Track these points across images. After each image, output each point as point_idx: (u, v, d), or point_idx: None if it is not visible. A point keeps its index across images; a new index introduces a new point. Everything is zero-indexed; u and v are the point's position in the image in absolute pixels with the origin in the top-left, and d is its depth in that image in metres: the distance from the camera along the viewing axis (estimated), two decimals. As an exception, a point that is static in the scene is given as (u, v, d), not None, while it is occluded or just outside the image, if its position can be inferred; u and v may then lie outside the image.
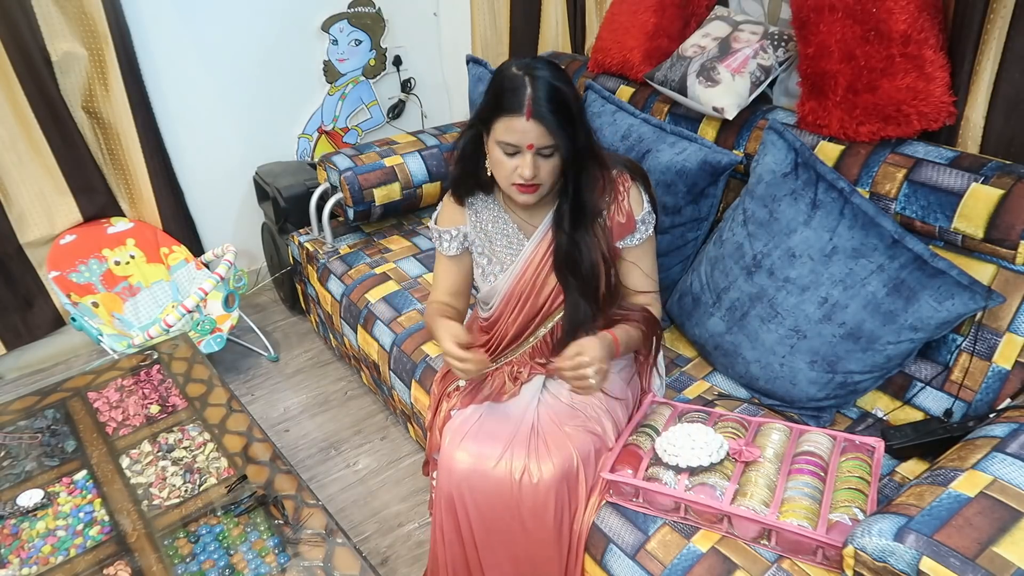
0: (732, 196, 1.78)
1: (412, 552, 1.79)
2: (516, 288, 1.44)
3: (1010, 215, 1.30)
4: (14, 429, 1.51)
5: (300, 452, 2.12)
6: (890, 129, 1.47)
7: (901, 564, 0.96)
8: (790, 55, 1.73)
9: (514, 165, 1.28)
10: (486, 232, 1.46)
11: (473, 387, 1.48)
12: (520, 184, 1.29)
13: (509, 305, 1.46)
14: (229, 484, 1.34)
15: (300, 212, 2.45)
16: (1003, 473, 1.03)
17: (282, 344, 2.61)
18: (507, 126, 1.24)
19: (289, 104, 2.78)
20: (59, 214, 2.36)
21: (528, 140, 1.24)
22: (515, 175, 1.28)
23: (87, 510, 1.31)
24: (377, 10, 2.83)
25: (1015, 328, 1.32)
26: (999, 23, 1.36)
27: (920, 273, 1.33)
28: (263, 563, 1.18)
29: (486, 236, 1.46)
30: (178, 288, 2.48)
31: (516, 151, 1.27)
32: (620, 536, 1.29)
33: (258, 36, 2.58)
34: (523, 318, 1.46)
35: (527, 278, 1.43)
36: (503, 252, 1.45)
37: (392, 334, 1.90)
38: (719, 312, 1.61)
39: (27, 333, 2.42)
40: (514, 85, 1.23)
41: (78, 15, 2.16)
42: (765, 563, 1.18)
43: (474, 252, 1.49)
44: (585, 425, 1.37)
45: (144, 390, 1.61)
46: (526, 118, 1.22)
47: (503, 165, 1.29)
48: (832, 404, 1.48)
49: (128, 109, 2.30)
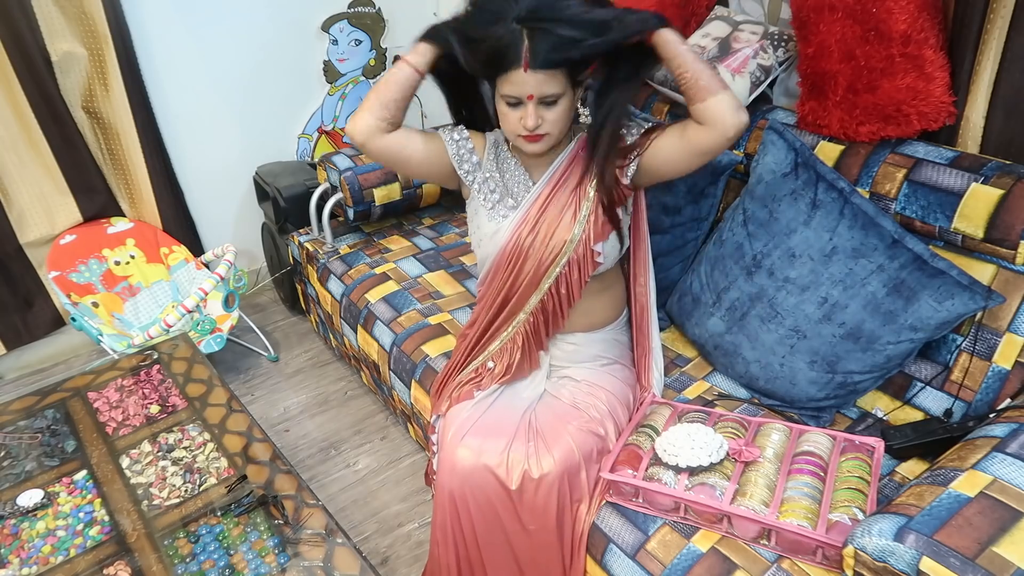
0: (732, 196, 1.78)
1: (412, 552, 1.79)
2: (522, 229, 1.39)
3: (1010, 215, 1.30)
4: (14, 429, 1.51)
5: (300, 452, 2.12)
6: (890, 129, 1.47)
7: (901, 564, 0.96)
8: (790, 55, 1.73)
9: (518, 116, 1.28)
10: (501, 171, 1.44)
11: (475, 378, 1.48)
12: (526, 135, 1.29)
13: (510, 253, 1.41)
14: (229, 484, 1.34)
15: (300, 212, 2.45)
16: (1003, 473, 1.03)
17: (282, 344, 2.61)
18: (508, 79, 1.24)
19: (289, 104, 2.78)
20: (59, 214, 2.36)
21: (527, 91, 1.24)
22: (520, 126, 1.28)
23: (87, 510, 1.31)
24: (377, 10, 2.83)
25: (1015, 328, 1.32)
26: (999, 23, 1.36)
27: (920, 273, 1.33)
28: (263, 563, 1.18)
29: (500, 175, 1.44)
30: (178, 288, 2.48)
31: (518, 102, 1.27)
32: (620, 536, 1.29)
33: (258, 36, 2.58)
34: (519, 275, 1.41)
35: (529, 217, 1.39)
36: (518, 192, 1.42)
37: (392, 334, 1.90)
38: (719, 312, 1.61)
39: (27, 333, 2.42)
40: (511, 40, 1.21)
41: (78, 15, 2.16)
42: (765, 563, 1.18)
43: (483, 190, 1.43)
44: (587, 425, 1.38)
45: (144, 390, 1.61)
46: (523, 69, 1.22)
47: (507, 117, 1.30)
48: (832, 404, 1.48)
49: (128, 109, 2.30)
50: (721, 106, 1.23)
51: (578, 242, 1.37)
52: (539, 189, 1.39)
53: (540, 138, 1.30)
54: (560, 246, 1.37)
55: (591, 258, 1.38)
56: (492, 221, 1.42)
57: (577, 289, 1.41)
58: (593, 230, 1.36)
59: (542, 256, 1.39)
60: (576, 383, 1.47)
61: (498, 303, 1.46)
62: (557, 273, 1.40)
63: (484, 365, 1.49)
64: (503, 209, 1.42)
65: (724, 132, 1.24)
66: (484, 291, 1.49)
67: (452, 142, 1.43)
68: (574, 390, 1.45)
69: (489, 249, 1.43)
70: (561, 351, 1.52)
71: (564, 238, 1.37)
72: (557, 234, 1.37)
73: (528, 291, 1.43)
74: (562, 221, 1.37)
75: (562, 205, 1.38)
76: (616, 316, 1.55)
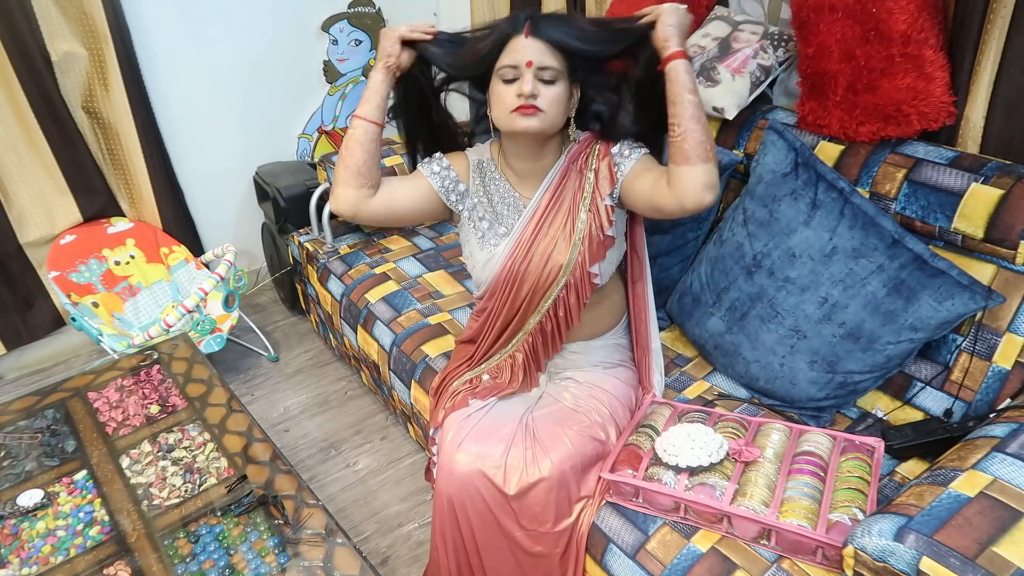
0: (732, 196, 1.78)
1: (412, 552, 1.79)
2: (515, 255, 1.37)
3: (1010, 215, 1.30)
4: (14, 429, 1.51)
5: (300, 452, 2.12)
6: (890, 129, 1.47)
7: (901, 564, 0.96)
8: (790, 55, 1.73)
9: (514, 89, 1.25)
10: (488, 194, 1.41)
11: (475, 384, 1.48)
12: (520, 107, 1.24)
13: (505, 278, 1.39)
14: (229, 484, 1.34)
15: (300, 212, 2.45)
16: (1003, 473, 1.03)
17: (282, 344, 2.61)
18: (508, 48, 1.24)
19: (289, 104, 2.78)
20: (59, 214, 2.36)
21: (526, 57, 1.23)
22: (514, 99, 1.25)
23: (87, 510, 1.30)
24: (377, 10, 2.83)
25: (1015, 328, 1.32)
26: (999, 23, 1.36)
27: (920, 273, 1.33)
28: (263, 563, 1.18)
29: (488, 199, 1.41)
30: (178, 288, 2.48)
31: (515, 76, 1.25)
32: (620, 536, 1.29)
33: (258, 36, 2.58)
34: (516, 299, 1.40)
35: (523, 242, 1.37)
36: (508, 216, 1.39)
37: (392, 334, 1.90)
38: (719, 312, 1.61)
39: (27, 333, 2.42)
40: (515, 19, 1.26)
41: (78, 15, 2.16)
42: (765, 563, 1.18)
43: (472, 218, 1.41)
44: (587, 430, 1.37)
45: (144, 390, 1.61)
46: (524, 35, 1.22)
47: (501, 95, 1.27)
48: (832, 404, 1.48)
49: (128, 109, 2.30)
50: (691, 177, 1.19)
51: (574, 266, 1.35)
52: (531, 211, 1.37)
53: (535, 111, 1.24)
54: (556, 271, 1.35)
55: (588, 280, 1.36)
56: (484, 249, 1.40)
57: (576, 312, 1.40)
58: (588, 252, 1.35)
59: (538, 281, 1.37)
60: (578, 384, 1.47)
61: (498, 325, 1.45)
62: (555, 296, 1.38)
63: (479, 377, 1.49)
64: (494, 237, 1.39)
65: (682, 204, 1.21)
66: (482, 305, 1.48)
67: (434, 175, 1.39)
68: (576, 392, 1.45)
69: (483, 275, 1.42)
70: (563, 359, 1.52)
71: (560, 263, 1.35)
72: (552, 259, 1.35)
73: (526, 313, 1.42)
74: (556, 246, 1.35)
75: (556, 229, 1.36)
76: (616, 322, 1.54)
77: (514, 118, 1.27)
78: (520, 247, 1.37)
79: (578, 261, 1.35)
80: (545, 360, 1.49)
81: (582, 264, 1.35)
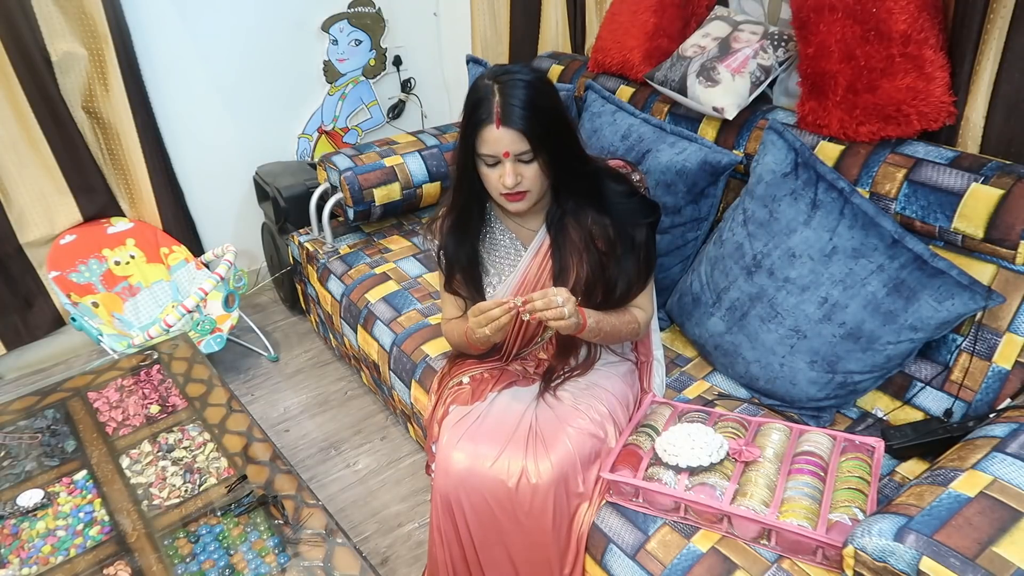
0: (732, 196, 1.78)
1: (412, 552, 1.79)
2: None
3: (1010, 215, 1.30)
4: (14, 429, 1.51)
5: (300, 452, 2.12)
6: (890, 129, 1.47)
7: (901, 564, 0.96)
8: (790, 55, 1.73)
9: (498, 175, 1.29)
10: (488, 250, 1.47)
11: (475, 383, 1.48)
12: (507, 193, 1.30)
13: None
14: (229, 484, 1.34)
15: (300, 212, 2.45)
16: (1003, 473, 1.03)
17: (282, 344, 2.61)
18: (483, 138, 1.25)
19: (289, 104, 2.78)
20: (59, 214, 2.36)
21: (502, 148, 1.24)
22: (500, 185, 1.29)
23: (87, 510, 1.31)
24: (377, 10, 2.83)
25: (1015, 328, 1.32)
26: (999, 23, 1.36)
27: (920, 273, 1.33)
28: (263, 563, 1.18)
29: (487, 253, 1.47)
30: (178, 288, 2.48)
31: (496, 161, 1.27)
32: (620, 536, 1.29)
33: (258, 36, 2.58)
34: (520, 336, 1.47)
35: (527, 285, 1.42)
36: (502, 262, 1.46)
37: (392, 334, 1.90)
38: (719, 312, 1.61)
39: (27, 333, 2.42)
40: (483, 95, 1.24)
41: (78, 15, 2.16)
42: (765, 563, 1.18)
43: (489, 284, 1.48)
44: (587, 427, 1.37)
45: (144, 390, 1.61)
46: (496, 126, 1.23)
47: (488, 178, 1.31)
48: (832, 404, 1.48)
49: (128, 109, 2.30)
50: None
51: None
52: (529, 256, 1.42)
53: (522, 196, 1.31)
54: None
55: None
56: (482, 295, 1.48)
57: (572, 347, 1.48)
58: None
59: (530, 323, 1.43)
60: (578, 383, 1.47)
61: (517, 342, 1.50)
62: (550, 335, 1.48)
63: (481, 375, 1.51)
64: (489, 284, 1.47)
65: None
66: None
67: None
68: (575, 390, 1.45)
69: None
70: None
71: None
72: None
73: (522, 344, 1.49)
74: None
75: (546, 280, 1.41)
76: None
77: (504, 200, 1.33)
78: (523, 288, 1.43)
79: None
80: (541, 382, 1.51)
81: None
